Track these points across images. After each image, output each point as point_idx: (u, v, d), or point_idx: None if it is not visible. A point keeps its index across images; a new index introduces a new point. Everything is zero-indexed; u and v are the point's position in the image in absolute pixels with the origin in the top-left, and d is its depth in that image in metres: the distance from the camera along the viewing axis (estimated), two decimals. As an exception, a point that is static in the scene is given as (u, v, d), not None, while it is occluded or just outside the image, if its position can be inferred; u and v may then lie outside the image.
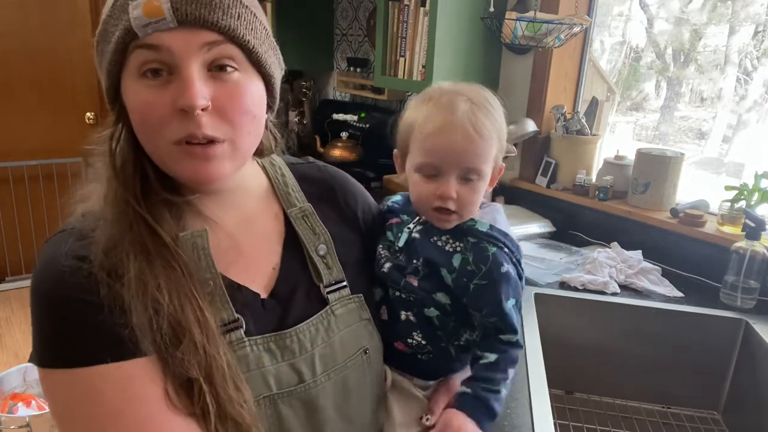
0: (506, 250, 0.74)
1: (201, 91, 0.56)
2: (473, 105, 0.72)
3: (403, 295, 0.76)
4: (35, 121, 3.22)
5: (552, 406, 0.96)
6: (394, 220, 0.82)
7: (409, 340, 0.76)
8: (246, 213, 0.70)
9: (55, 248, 0.59)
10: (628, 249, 1.58)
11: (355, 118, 2.47)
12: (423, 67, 1.88)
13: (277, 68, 0.66)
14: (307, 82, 2.74)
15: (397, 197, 0.86)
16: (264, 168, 0.76)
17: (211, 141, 0.58)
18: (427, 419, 0.75)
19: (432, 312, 0.75)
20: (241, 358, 0.61)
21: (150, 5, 0.54)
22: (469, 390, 0.73)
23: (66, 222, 0.63)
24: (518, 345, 0.75)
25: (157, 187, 0.62)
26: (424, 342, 0.76)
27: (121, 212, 0.60)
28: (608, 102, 2.02)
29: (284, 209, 0.73)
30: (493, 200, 2.02)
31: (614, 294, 1.40)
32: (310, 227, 0.73)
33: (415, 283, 0.75)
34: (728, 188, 1.50)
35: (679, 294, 1.41)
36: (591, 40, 1.95)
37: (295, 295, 0.68)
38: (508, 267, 0.73)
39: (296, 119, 2.73)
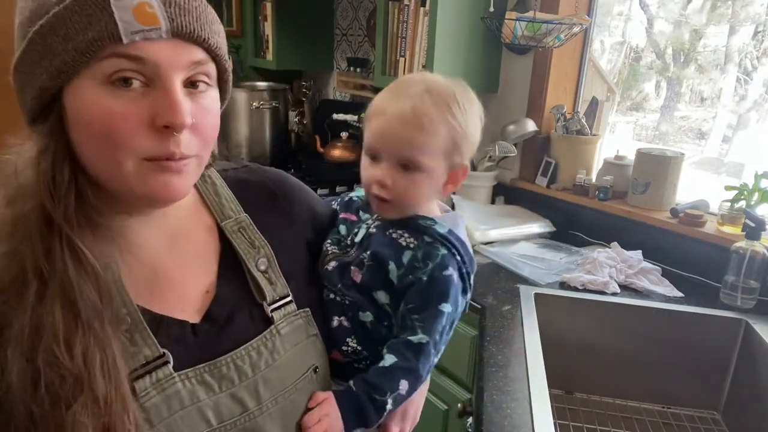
0: (458, 257, 0.71)
1: (187, 108, 0.52)
2: (427, 93, 0.68)
3: (338, 298, 0.72)
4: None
5: (552, 406, 0.96)
6: (349, 216, 0.78)
7: (344, 348, 0.72)
8: (174, 231, 0.64)
9: None
10: (628, 249, 1.58)
11: (355, 118, 2.47)
12: (423, 67, 1.88)
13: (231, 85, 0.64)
14: (307, 82, 2.74)
15: (361, 191, 0.80)
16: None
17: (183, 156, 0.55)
18: None
19: (367, 317, 0.71)
20: (173, 395, 0.56)
21: (142, 10, 0.49)
22: (353, 388, 0.69)
23: None
24: (424, 355, 0.68)
25: (95, 211, 0.55)
26: (360, 348, 0.72)
27: (38, 239, 0.51)
28: (608, 102, 2.02)
29: (218, 222, 0.67)
30: (492, 202, 2.02)
31: (614, 294, 1.40)
32: (248, 240, 0.67)
33: (358, 279, 0.71)
34: (728, 188, 1.50)
35: (679, 294, 1.41)
36: (591, 40, 1.95)
37: (234, 318, 0.63)
38: (452, 272, 0.70)
39: (296, 119, 2.73)
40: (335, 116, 2.49)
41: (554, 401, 1.13)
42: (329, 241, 0.77)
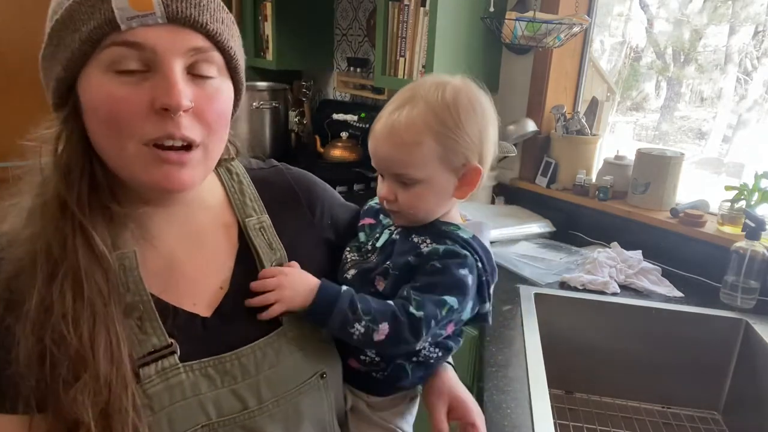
0: (479, 264, 0.69)
1: (185, 91, 0.53)
2: (409, 104, 0.67)
3: None
4: (36, 121, 3.22)
5: (552, 406, 0.96)
6: (368, 221, 0.79)
7: (363, 357, 0.71)
8: (195, 227, 0.65)
9: None
10: (628, 249, 1.58)
11: (355, 118, 2.47)
12: (423, 67, 1.88)
13: (244, 77, 0.64)
14: (307, 82, 2.74)
15: None
16: (219, 176, 0.71)
17: (186, 146, 0.55)
18: None
19: None
20: (175, 385, 0.57)
21: None
22: (345, 289, 0.66)
23: None
24: (415, 326, 0.64)
25: (107, 196, 0.57)
26: (378, 359, 0.71)
27: (53, 222, 0.54)
28: (608, 102, 2.01)
29: (239, 221, 0.69)
30: (492, 202, 2.02)
31: (614, 294, 1.40)
32: (266, 241, 0.68)
33: (381, 287, 0.69)
34: (728, 188, 1.50)
35: (679, 294, 1.41)
36: (591, 40, 1.95)
37: (243, 315, 0.63)
38: (468, 274, 0.67)
39: (296, 119, 2.73)
40: (335, 116, 2.49)
41: (554, 401, 1.13)
42: (348, 248, 0.76)
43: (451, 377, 0.78)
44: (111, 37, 0.51)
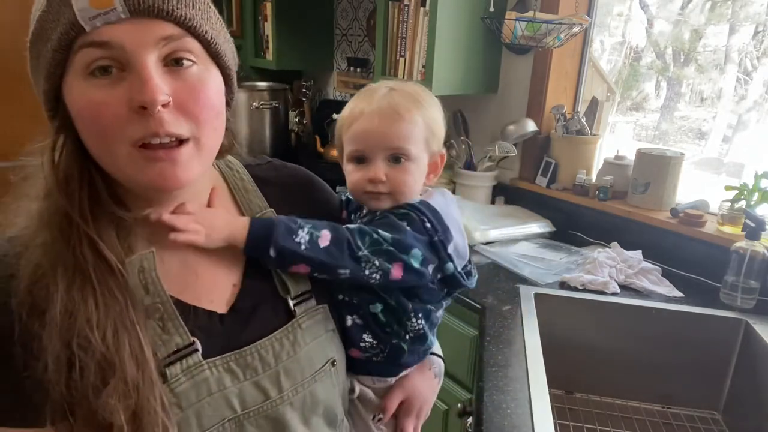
0: (428, 224, 0.71)
1: (160, 85, 0.51)
2: (394, 90, 0.74)
3: (346, 298, 0.74)
4: (36, 121, 3.22)
5: (552, 406, 0.96)
6: (344, 217, 0.82)
7: (362, 344, 0.74)
8: None
9: None
10: (628, 249, 1.58)
11: (355, 118, 2.47)
12: (423, 67, 1.88)
13: (234, 60, 0.62)
14: (307, 82, 2.73)
15: None
16: (222, 173, 0.71)
17: (176, 142, 0.54)
18: (380, 418, 0.79)
19: (377, 307, 0.73)
20: (201, 382, 0.58)
21: None
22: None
23: None
24: (350, 237, 0.67)
25: (108, 203, 0.57)
26: (375, 342, 0.74)
27: (61, 233, 0.54)
28: (608, 102, 2.02)
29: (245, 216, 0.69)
30: (492, 202, 2.02)
31: (614, 294, 1.40)
32: None
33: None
34: (728, 188, 1.50)
35: (679, 294, 1.41)
36: (591, 40, 1.95)
37: (258, 310, 0.65)
38: (407, 227, 0.70)
39: (296, 119, 2.73)
40: (335, 116, 2.48)
41: (554, 401, 1.13)
42: None
43: (423, 381, 0.81)
44: (79, 41, 0.50)
